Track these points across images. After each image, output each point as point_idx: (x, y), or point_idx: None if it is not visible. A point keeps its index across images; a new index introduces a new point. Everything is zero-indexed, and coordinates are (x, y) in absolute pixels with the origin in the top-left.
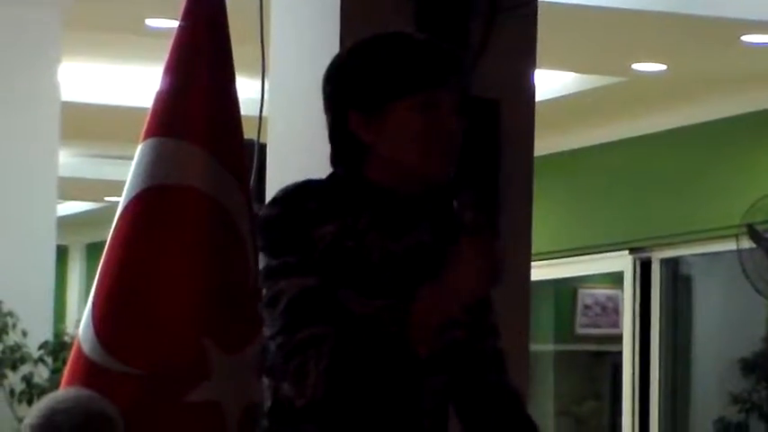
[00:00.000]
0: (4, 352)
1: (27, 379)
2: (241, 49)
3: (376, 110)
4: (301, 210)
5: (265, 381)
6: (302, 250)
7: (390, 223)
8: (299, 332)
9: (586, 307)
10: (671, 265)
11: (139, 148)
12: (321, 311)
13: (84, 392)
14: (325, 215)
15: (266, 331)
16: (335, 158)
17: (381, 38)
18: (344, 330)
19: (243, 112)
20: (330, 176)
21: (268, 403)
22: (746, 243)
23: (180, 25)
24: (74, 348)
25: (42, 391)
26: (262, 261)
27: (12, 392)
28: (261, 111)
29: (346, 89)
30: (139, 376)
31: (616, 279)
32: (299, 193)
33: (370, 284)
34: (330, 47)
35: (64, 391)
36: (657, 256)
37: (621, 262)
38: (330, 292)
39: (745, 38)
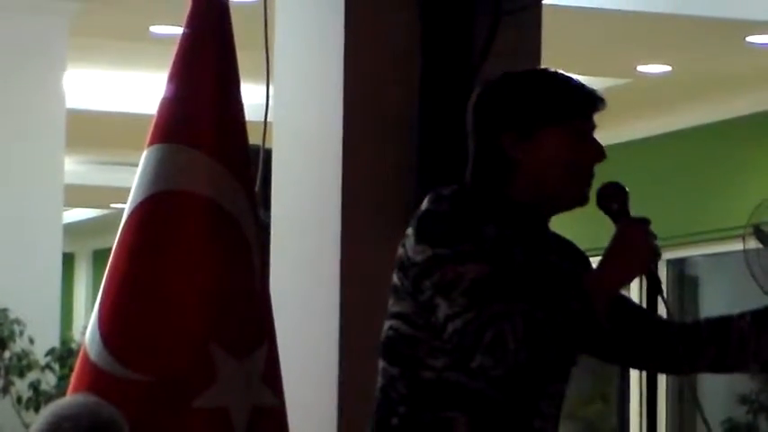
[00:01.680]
0: (11, 359)
1: (34, 386)
2: (246, 55)
3: (529, 132)
4: (468, 206)
5: (394, 369)
6: (475, 242)
7: (528, 238)
8: (490, 308)
9: None
10: (678, 266)
11: (144, 154)
12: (505, 291)
13: (91, 399)
14: (488, 218)
15: (441, 313)
16: (479, 177)
17: (533, 71)
18: (533, 306)
19: (248, 117)
20: (461, 190)
21: (403, 391)
22: (753, 243)
23: (184, 32)
24: (80, 355)
25: (49, 398)
26: (424, 251)
27: (19, 399)
28: (266, 116)
29: (502, 112)
30: (146, 382)
31: None
32: (465, 193)
33: (520, 290)
34: (334, 52)
35: (71, 398)
36: (664, 256)
37: None
38: (503, 279)
39: (750, 38)
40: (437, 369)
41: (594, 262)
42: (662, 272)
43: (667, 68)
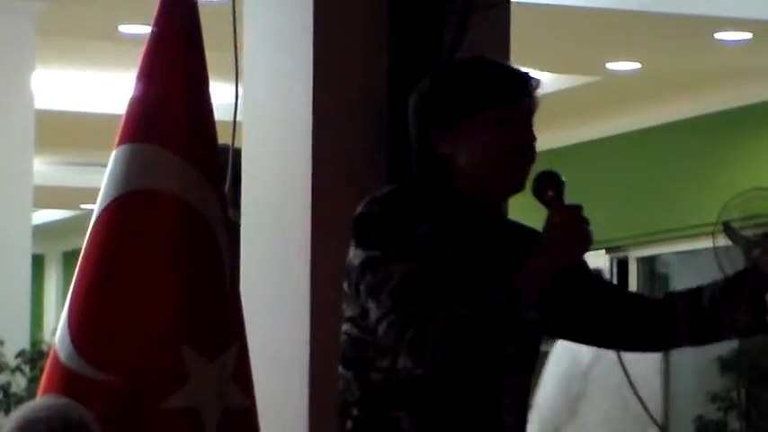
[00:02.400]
0: None
1: (4, 388)
2: (214, 55)
3: (451, 125)
4: (400, 207)
5: (349, 373)
6: (404, 241)
7: (474, 230)
8: (413, 307)
9: None
10: (648, 264)
11: (113, 154)
12: (430, 291)
13: (62, 400)
14: (423, 215)
15: (373, 316)
16: (420, 174)
17: (460, 62)
18: (455, 304)
19: (217, 117)
20: (397, 189)
21: (357, 394)
22: (722, 241)
23: (152, 31)
24: (50, 356)
25: (19, 400)
26: (359, 255)
27: None
28: (235, 115)
29: (426, 109)
30: (117, 383)
31: None
32: (398, 193)
33: (455, 285)
34: (303, 51)
35: (42, 399)
36: (634, 254)
37: (599, 261)
38: (432, 278)
39: (719, 35)
40: (384, 370)
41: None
42: (632, 269)
43: (637, 66)
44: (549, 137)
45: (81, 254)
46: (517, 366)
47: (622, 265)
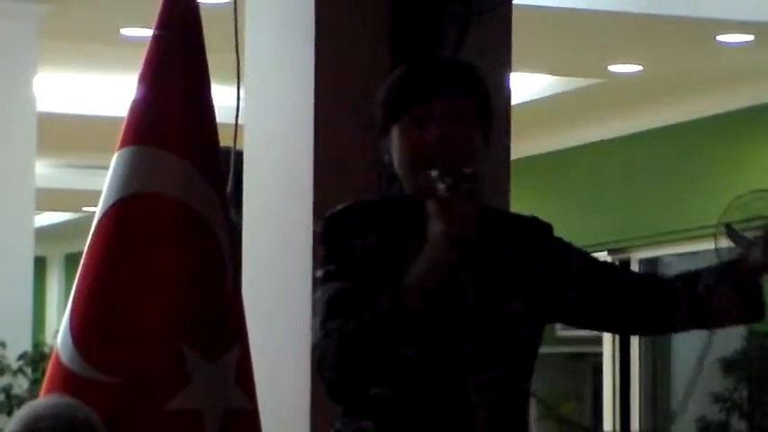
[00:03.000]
0: None
1: (6, 390)
2: (216, 57)
3: (386, 131)
4: (340, 224)
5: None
6: (341, 259)
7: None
8: (329, 325)
9: None
10: (650, 266)
11: (115, 157)
12: (349, 310)
13: (67, 399)
14: (367, 228)
15: (313, 335)
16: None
17: (399, 68)
18: (364, 320)
19: (219, 119)
20: (347, 205)
21: (338, 407)
22: (724, 242)
23: (154, 34)
24: (52, 358)
25: (21, 402)
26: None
27: None
28: (237, 118)
29: (375, 118)
30: (118, 385)
31: None
32: (343, 210)
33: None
34: (305, 53)
35: (47, 399)
36: (636, 256)
37: None
38: (362, 293)
39: (721, 38)
40: None
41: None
42: (634, 270)
43: (638, 68)
44: (550, 139)
45: (83, 256)
46: (483, 363)
47: (624, 267)
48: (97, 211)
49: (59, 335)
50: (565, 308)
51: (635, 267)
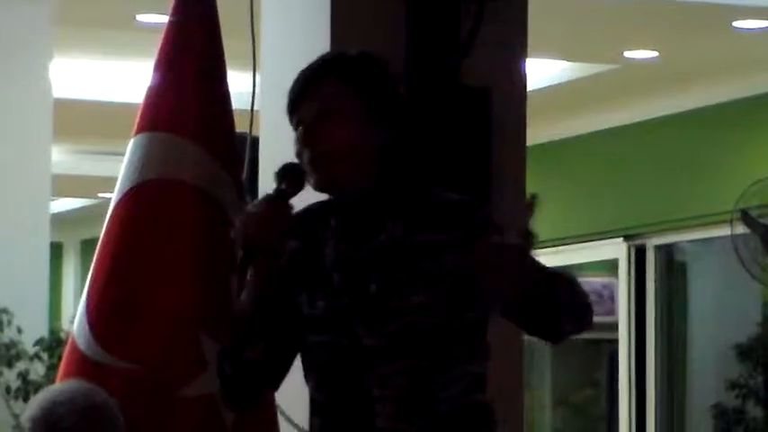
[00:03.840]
0: None
1: (23, 375)
2: (232, 43)
3: None
4: (297, 228)
5: None
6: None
7: (350, 228)
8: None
9: None
10: (665, 252)
11: (131, 143)
12: (259, 320)
13: (84, 385)
14: (296, 232)
15: None
16: None
17: None
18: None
19: (235, 105)
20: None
21: None
22: (740, 228)
23: (170, 20)
24: (68, 344)
25: (38, 388)
26: None
27: (8, 389)
28: (252, 104)
29: None
30: (134, 371)
31: (611, 267)
32: (296, 213)
33: (324, 288)
34: (321, 39)
35: (64, 384)
36: (652, 242)
37: (616, 249)
38: (273, 299)
39: (737, 23)
40: None
41: (576, 251)
42: (650, 257)
43: (654, 54)
44: (566, 125)
45: (99, 242)
46: (383, 356)
47: (640, 254)
48: (113, 197)
49: (76, 321)
50: (479, 298)
51: (651, 254)
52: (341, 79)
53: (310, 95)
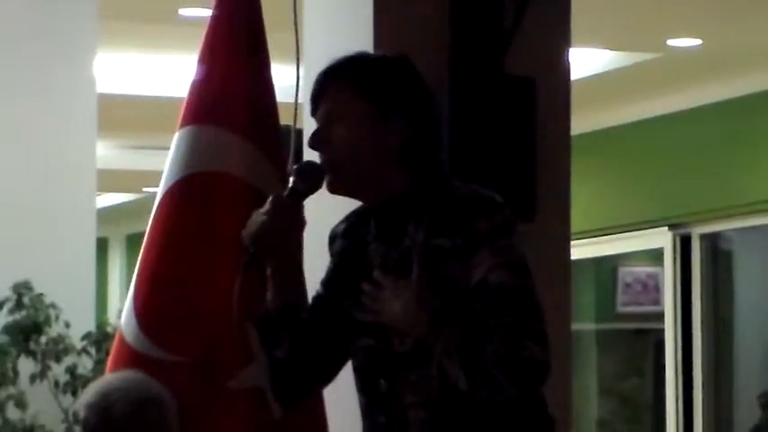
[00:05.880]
0: (47, 344)
1: (71, 370)
2: (275, 36)
3: None
4: (332, 232)
5: None
6: (328, 265)
7: (384, 233)
8: None
9: (627, 285)
10: (711, 241)
11: (176, 136)
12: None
13: (139, 375)
14: (347, 233)
15: None
16: None
17: None
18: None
19: (279, 98)
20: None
21: None
22: None
23: (213, 14)
24: (116, 338)
25: (86, 382)
26: None
27: (56, 384)
28: (296, 97)
29: None
30: (182, 364)
31: (656, 256)
32: (343, 219)
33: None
34: (364, 31)
35: (121, 373)
36: (697, 231)
37: (661, 238)
38: (321, 298)
39: None
40: None
41: (621, 240)
42: (695, 246)
43: (698, 42)
44: (609, 115)
45: (145, 236)
46: (412, 362)
47: (685, 243)
48: (159, 190)
49: (123, 315)
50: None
51: (696, 243)
52: (350, 81)
53: (323, 99)
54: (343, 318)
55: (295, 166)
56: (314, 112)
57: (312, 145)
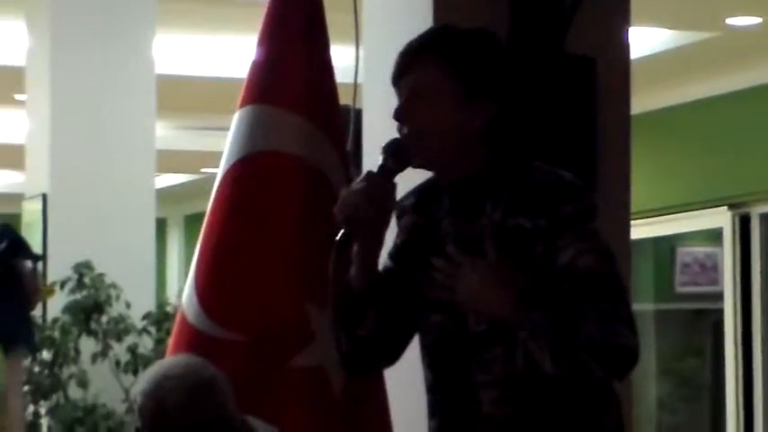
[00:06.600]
0: (108, 323)
1: (132, 349)
2: (334, 17)
3: None
4: (399, 205)
5: None
6: (395, 239)
7: (459, 210)
8: None
9: (685, 265)
10: None
11: (236, 115)
12: (368, 296)
13: (193, 359)
14: (416, 207)
15: None
16: None
17: None
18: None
19: (338, 79)
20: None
21: None
22: None
23: None
24: (178, 317)
25: (147, 362)
26: None
27: (117, 363)
28: (356, 77)
29: None
30: (244, 342)
31: (715, 236)
32: (409, 192)
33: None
34: (422, 11)
35: (173, 359)
36: (757, 211)
37: (720, 218)
38: (389, 272)
39: None
40: None
41: (680, 220)
42: (754, 225)
43: (757, 20)
44: (668, 94)
45: (206, 216)
46: (486, 341)
47: (744, 222)
48: (219, 170)
49: (184, 294)
50: None
51: (755, 222)
52: (441, 57)
53: (409, 71)
54: (413, 293)
55: (384, 145)
56: (397, 82)
57: (397, 117)
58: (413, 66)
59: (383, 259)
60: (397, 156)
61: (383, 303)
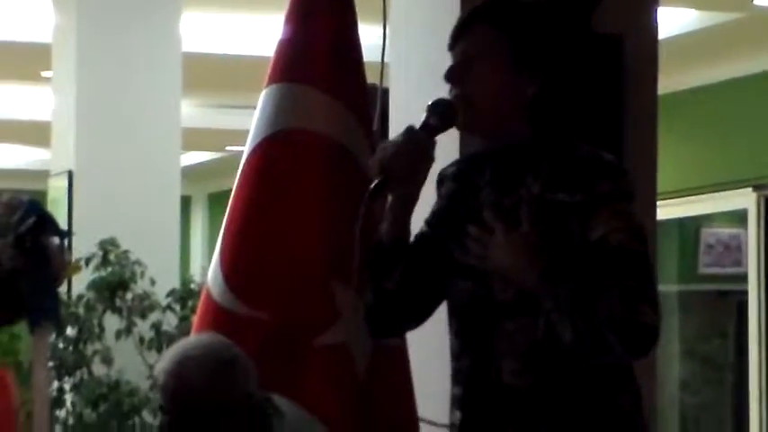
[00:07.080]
0: (133, 300)
1: (156, 326)
2: None
3: None
4: (441, 174)
5: None
6: (433, 206)
7: (500, 180)
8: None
9: (709, 246)
10: None
11: (263, 93)
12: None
13: (216, 339)
14: (457, 176)
15: None
16: None
17: None
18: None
19: (365, 58)
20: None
21: None
22: None
23: None
24: (203, 294)
25: (171, 339)
26: None
27: (141, 340)
28: (383, 56)
29: None
30: (269, 320)
31: (739, 217)
32: (453, 162)
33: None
34: None
35: (196, 338)
36: None
37: (745, 199)
38: (424, 237)
39: None
40: None
41: (705, 201)
42: None
43: None
44: (694, 74)
45: (232, 193)
46: (511, 311)
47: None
48: (246, 147)
49: (210, 272)
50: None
51: None
52: (495, 26)
53: (463, 38)
54: (444, 259)
55: (430, 103)
56: (453, 47)
57: (448, 78)
58: (467, 32)
59: (421, 224)
60: (442, 115)
61: (412, 261)
